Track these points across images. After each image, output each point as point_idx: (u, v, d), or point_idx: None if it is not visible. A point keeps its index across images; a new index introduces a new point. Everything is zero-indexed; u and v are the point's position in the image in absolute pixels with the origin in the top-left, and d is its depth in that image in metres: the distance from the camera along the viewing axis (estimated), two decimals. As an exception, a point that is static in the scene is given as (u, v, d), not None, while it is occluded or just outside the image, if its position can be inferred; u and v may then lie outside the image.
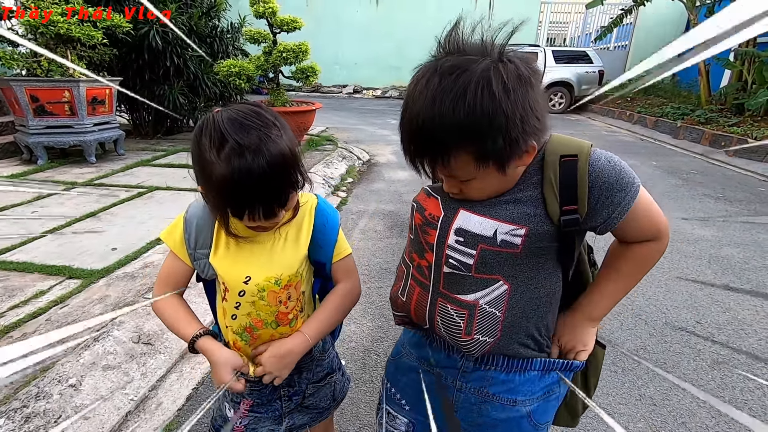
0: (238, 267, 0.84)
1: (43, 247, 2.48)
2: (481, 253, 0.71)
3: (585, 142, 0.71)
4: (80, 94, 4.04)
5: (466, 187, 0.69)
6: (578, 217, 0.69)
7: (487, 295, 0.73)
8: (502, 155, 0.63)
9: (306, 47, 5.06)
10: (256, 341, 0.89)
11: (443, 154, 0.63)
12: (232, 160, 0.69)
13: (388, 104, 11.76)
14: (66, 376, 1.50)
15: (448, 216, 0.74)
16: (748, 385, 1.78)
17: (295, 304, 0.88)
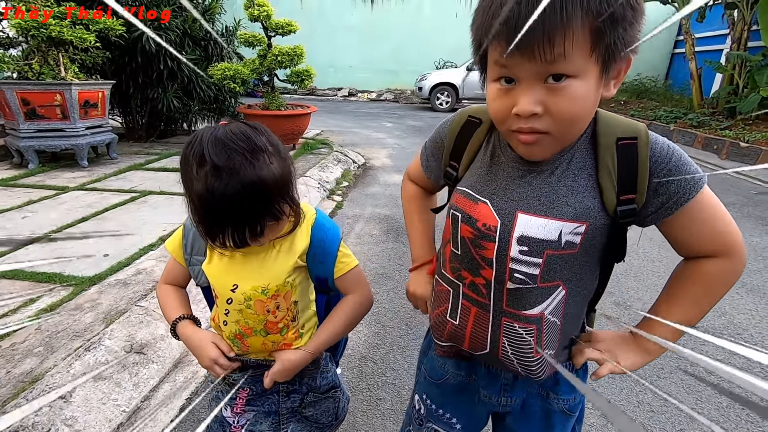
0: (227, 275, 0.85)
1: (33, 253, 2.44)
2: (547, 260, 0.64)
3: (640, 123, 0.64)
4: (72, 97, 3.99)
5: (555, 98, 0.56)
6: (636, 207, 0.62)
7: (551, 303, 0.68)
8: (617, 43, 0.53)
9: (301, 50, 5.05)
10: (247, 349, 0.90)
11: (573, 22, 0.51)
12: (208, 179, 0.68)
13: (383, 107, 11.76)
14: (56, 386, 1.47)
15: (506, 224, 0.66)
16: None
17: (285, 314, 0.88)
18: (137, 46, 4.79)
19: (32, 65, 3.97)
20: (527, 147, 0.62)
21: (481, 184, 0.70)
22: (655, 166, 0.62)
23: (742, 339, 2.12)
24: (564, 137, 0.61)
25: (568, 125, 0.59)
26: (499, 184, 0.68)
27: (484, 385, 0.81)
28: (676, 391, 1.77)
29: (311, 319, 0.96)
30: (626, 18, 0.52)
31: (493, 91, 0.61)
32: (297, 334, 0.91)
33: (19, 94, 3.83)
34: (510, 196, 0.67)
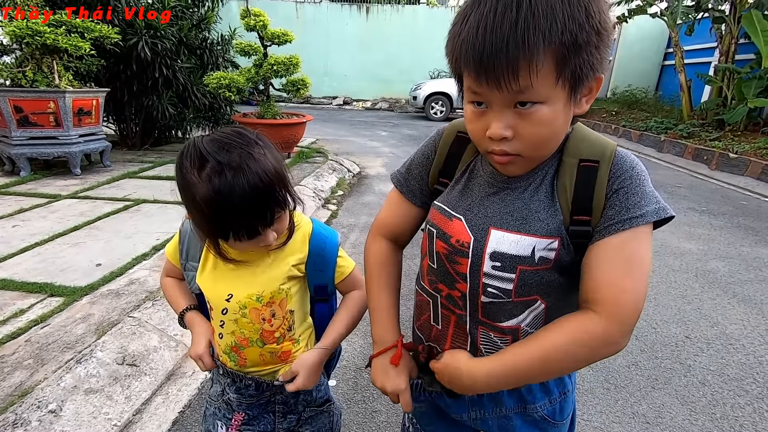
0: (221, 285, 0.85)
1: (24, 263, 2.41)
2: (521, 276, 0.64)
3: (609, 144, 0.64)
4: (66, 105, 3.97)
5: (524, 123, 0.57)
6: (590, 229, 0.62)
7: (528, 316, 0.68)
8: (583, 68, 0.55)
9: (297, 60, 5.08)
10: (245, 362, 0.89)
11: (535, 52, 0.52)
12: (212, 179, 0.69)
13: (378, 116, 11.83)
14: (46, 401, 1.44)
15: (479, 239, 0.66)
16: (739, 401, 1.79)
17: (281, 322, 0.87)
18: (132, 53, 4.79)
19: (26, 72, 3.95)
20: (502, 166, 0.64)
21: (457, 200, 0.71)
22: (609, 183, 0.62)
23: (734, 349, 2.14)
24: (535, 157, 0.63)
25: (538, 148, 0.61)
26: (474, 200, 0.69)
27: (450, 408, 0.80)
28: (670, 402, 1.77)
29: (307, 330, 0.96)
30: (590, 43, 0.54)
31: (469, 113, 0.63)
32: (294, 342, 0.91)
33: (11, 101, 3.80)
34: (484, 212, 0.68)
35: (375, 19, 13.89)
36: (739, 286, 2.80)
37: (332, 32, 13.90)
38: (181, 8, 5.36)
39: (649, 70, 12.77)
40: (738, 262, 3.18)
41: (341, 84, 14.42)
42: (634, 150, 7.79)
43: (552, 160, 0.66)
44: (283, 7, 13.87)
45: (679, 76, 8.59)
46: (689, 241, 3.53)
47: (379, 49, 13.93)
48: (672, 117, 8.88)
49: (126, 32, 4.69)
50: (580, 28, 0.52)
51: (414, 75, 13.36)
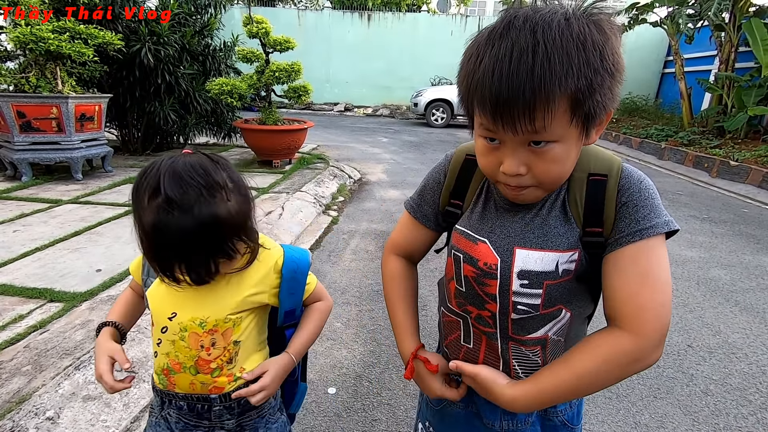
0: (168, 302, 0.80)
1: (24, 268, 2.40)
2: (547, 290, 0.67)
3: (615, 159, 0.67)
4: (69, 110, 3.99)
5: (537, 160, 0.58)
6: (603, 240, 0.65)
7: (555, 326, 0.71)
8: (596, 108, 0.55)
9: (299, 67, 5.10)
10: (173, 387, 0.82)
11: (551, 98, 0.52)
12: (159, 212, 0.66)
13: (379, 122, 11.86)
14: (44, 408, 1.43)
15: (506, 260, 0.68)
16: (742, 411, 1.78)
17: (221, 353, 0.81)
18: (135, 60, 4.83)
19: (29, 78, 3.97)
20: (515, 196, 0.65)
21: (479, 223, 0.73)
22: (618, 196, 0.64)
23: (737, 358, 2.13)
24: (549, 189, 0.65)
25: (552, 182, 0.63)
26: (495, 221, 0.71)
27: (485, 412, 0.81)
28: (672, 412, 1.76)
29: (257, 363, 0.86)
30: (604, 85, 0.54)
31: (480, 146, 0.64)
32: (231, 379, 0.83)
33: (14, 106, 3.82)
34: (506, 232, 0.69)
35: (376, 27, 13.99)
36: (742, 295, 2.78)
37: (334, 39, 13.99)
38: (184, 15, 5.40)
39: (649, 78, 12.83)
40: (740, 270, 3.16)
41: (342, 90, 14.49)
42: (634, 157, 7.80)
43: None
44: (285, 14, 13.99)
45: (680, 84, 8.63)
46: (690, 249, 3.52)
47: (381, 56, 14.01)
48: (672, 124, 8.91)
49: (129, 39, 4.73)
50: (594, 73, 0.53)
51: (415, 82, 13.43)
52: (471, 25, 13.74)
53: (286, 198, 4.05)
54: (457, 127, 11.19)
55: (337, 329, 2.25)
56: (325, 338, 2.16)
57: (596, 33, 0.53)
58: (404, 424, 1.66)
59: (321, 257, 3.11)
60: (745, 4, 7.22)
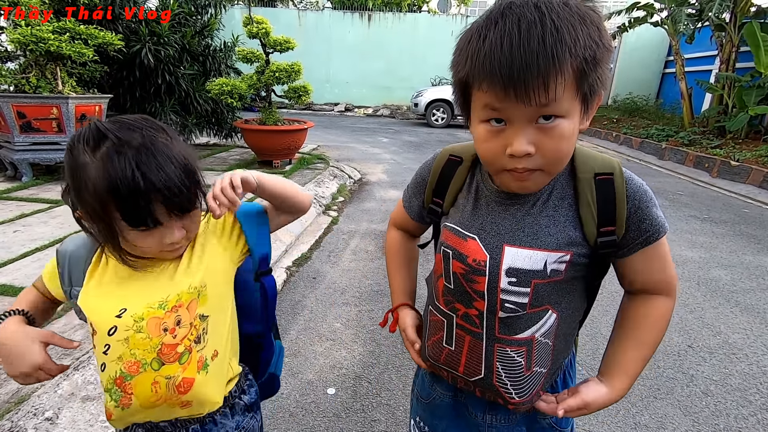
0: (110, 301, 0.70)
1: (24, 268, 2.40)
2: (535, 289, 0.68)
3: (613, 159, 0.69)
4: (69, 110, 3.99)
5: (545, 138, 0.58)
6: (615, 238, 0.67)
7: (541, 327, 0.71)
8: (597, 83, 0.58)
9: (299, 67, 5.10)
10: (129, 401, 0.69)
11: (564, 66, 0.53)
12: (111, 157, 0.60)
13: (379, 123, 11.87)
14: (42, 409, 1.43)
15: (495, 257, 0.69)
16: (742, 412, 1.77)
17: (188, 331, 0.70)
18: (136, 60, 4.83)
19: (29, 78, 3.98)
20: (520, 183, 0.64)
21: (469, 220, 0.73)
22: (631, 200, 0.66)
23: (737, 358, 2.12)
24: (553, 172, 0.65)
25: (558, 162, 0.62)
26: (485, 218, 0.71)
27: (471, 404, 0.83)
28: (672, 412, 1.75)
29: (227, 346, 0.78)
30: (604, 59, 0.57)
31: (483, 133, 0.62)
32: (201, 365, 0.72)
33: (15, 107, 3.82)
34: (496, 229, 0.70)
35: (376, 27, 13.99)
36: (742, 295, 2.78)
37: (334, 39, 13.99)
38: (184, 15, 5.41)
39: (649, 78, 12.81)
40: (740, 270, 3.16)
41: (343, 91, 14.49)
42: (635, 157, 7.80)
43: (558, 177, 0.69)
44: (285, 14, 14.00)
45: (680, 84, 8.61)
46: (691, 249, 3.52)
47: (381, 56, 14.01)
48: (673, 125, 8.89)
49: (129, 39, 4.73)
50: (596, 45, 0.55)
51: (415, 82, 13.43)
52: (471, 26, 13.74)
53: (286, 198, 4.04)
54: (457, 128, 11.19)
55: (336, 329, 2.25)
56: (324, 338, 2.16)
57: (591, 11, 0.56)
58: (403, 424, 1.65)
59: (321, 257, 3.11)
60: (746, 4, 7.21)
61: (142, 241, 0.66)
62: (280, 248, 3.06)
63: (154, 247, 0.68)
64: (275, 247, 3.03)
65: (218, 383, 0.76)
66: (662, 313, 0.73)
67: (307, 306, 2.45)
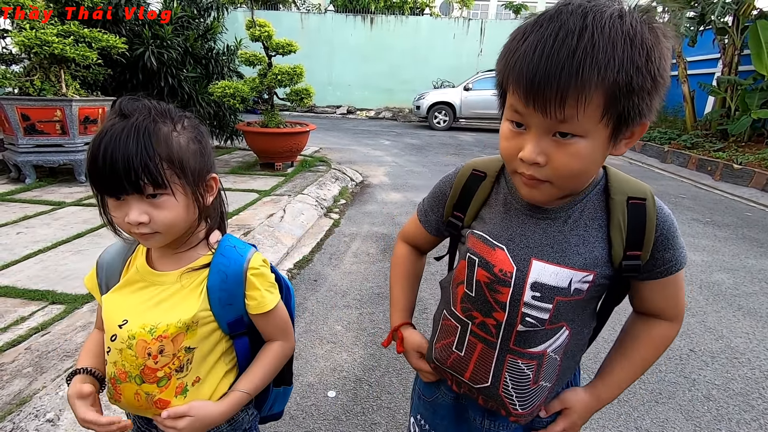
0: (121, 308, 0.75)
1: (26, 270, 2.42)
2: (557, 306, 0.68)
3: (645, 185, 0.69)
4: (72, 113, 4.02)
5: (558, 152, 0.57)
6: (640, 263, 0.67)
7: (554, 342, 0.71)
8: (632, 112, 0.54)
9: (301, 70, 5.12)
10: (119, 398, 0.75)
11: (587, 86, 0.51)
12: (106, 125, 0.67)
13: (381, 125, 11.88)
14: (44, 410, 1.44)
15: (522, 270, 0.68)
16: (744, 417, 1.76)
17: (170, 360, 0.73)
18: (139, 63, 4.86)
19: (34, 81, 4.00)
20: (528, 189, 0.63)
21: (498, 230, 0.72)
22: (661, 228, 0.67)
23: (739, 362, 2.11)
24: (563, 188, 0.63)
25: (567, 179, 0.61)
26: (515, 230, 0.71)
27: (471, 406, 0.83)
28: (674, 417, 1.75)
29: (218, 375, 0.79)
30: (644, 88, 0.53)
31: (505, 130, 0.62)
32: (180, 390, 0.75)
33: (19, 109, 3.85)
34: (526, 242, 0.69)
35: (379, 30, 14.03)
36: (745, 299, 2.77)
37: (336, 42, 14.04)
38: (187, 18, 5.44)
39: (652, 81, 12.78)
40: (743, 274, 3.15)
41: (345, 93, 14.53)
42: (637, 160, 7.78)
43: (591, 197, 0.68)
44: (287, 17, 14.06)
45: (683, 87, 8.60)
46: (693, 252, 3.51)
47: (383, 59, 14.05)
48: (675, 127, 8.88)
49: (133, 42, 4.76)
50: (637, 72, 0.51)
51: (417, 85, 13.45)
52: (473, 28, 13.77)
53: (288, 200, 4.05)
54: (459, 130, 11.20)
55: (337, 332, 2.25)
56: (325, 341, 2.16)
57: (647, 33, 0.52)
58: (404, 427, 1.65)
59: (322, 260, 3.11)
60: (748, 7, 7.20)
61: (114, 211, 0.70)
62: (282, 251, 3.07)
63: (122, 223, 0.70)
64: (276, 250, 3.03)
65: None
66: (664, 336, 0.75)
67: (308, 308, 2.46)
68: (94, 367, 0.80)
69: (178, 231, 0.73)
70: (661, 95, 0.56)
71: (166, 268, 0.77)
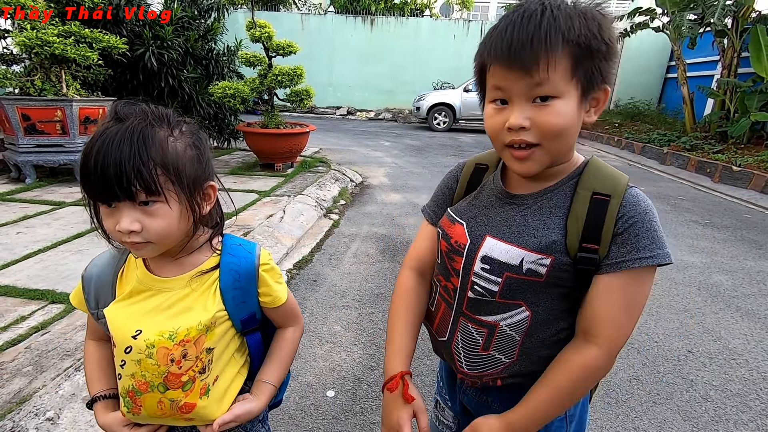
0: (131, 320, 0.72)
1: (26, 270, 2.42)
2: (507, 281, 0.71)
3: (622, 179, 0.70)
4: (73, 113, 4.03)
5: (540, 113, 0.64)
6: (596, 258, 0.67)
7: (509, 318, 0.74)
8: (594, 72, 0.64)
9: (301, 71, 5.13)
10: (139, 410, 0.74)
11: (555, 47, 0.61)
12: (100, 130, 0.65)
13: (381, 126, 11.90)
14: (44, 409, 1.44)
15: (475, 243, 0.75)
16: (742, 417, 1.77)
17: (193, 364, 0.73)
18: (139, 64, 4.87)
19: (34, 81, 4.01)
20: (521, 162, 0.68)
21: (463, 208, 0.81)
22: (619, 218, 0.67)
23: (737, 364, 2.12)
24: (551, 150, 0.67)
25: (554, 137, 0.66)
26: (479, 210, 0.78)
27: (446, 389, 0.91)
28: (672, 418, 1.75)
29: (233, 372, 0.81)
30: (601, 52, 0.63)
31: (490, 111, 0.70)
32: (203, 391, 0.75)
33: (19, 109, 3.86)
34: (484, 221, 0.76)
35: (379, 31, 14.05)
36: (743, 300, 2.77)
37: (337, 43, 14.05)
38: (187, 19, 5.45)
39: (651, 83, 12.83)
40: (742, 275, 3.15)
41: (345, 94, 14.54)
42: (636, 162, 7.79)
43: (562, 188, 0.72)
44: (288, 18, 14.07)
45: (682, 89, 8.62)
46: (692, 254, 3.52)
47: (383, 60, 14.06)
48: (675, 130, 8.90)
49: (133, 42, 4.77)
50: (593, 37, 0.62)
51: (417, 86, 13.46)
52: (474, 30, 13.79)
53: (288, 201, 4.06)
54: (459, 132, 11.22)
55: (336, 332, 2.25)
56: (324, 341, 2.17)
57: (596, 12, 0.64)
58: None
59: (322, 260, 3.12)
60: (748, 10, 7.23)
61: (106, 219, 0.68)
62: (282, 251, 3.07)
63: (113, 231, 0.67)
64: (276, 250, 3.04)
65: (219, 404, 0.79)
66: (582, 365, 0.68)
67: (308, 309, 2.46)
68: (109, 389, 0.80)
69: (171, 241, 0.71)
70: (614, 61, 0.66)
71: (169, 274, 0.75)
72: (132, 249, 0.70)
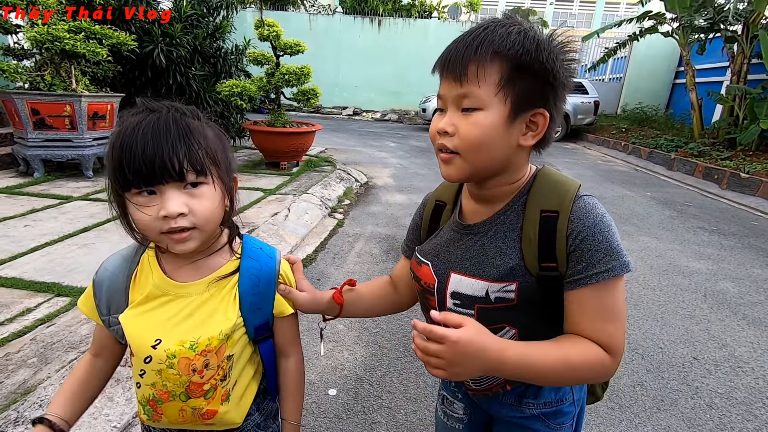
0: (149, 329, 0.71)
1: (33, 262, 2.44)
2: (480, 311, 0.73)
3: (569, 190, 0.68)
4: (82, 108, 4.06)
5: (463, 122, 0.66)
6: (558, 273, 0.67)
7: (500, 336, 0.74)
8: (525, 90, 0.64)
9: (308, 70, 5.15)
10: (160, 418, 0.74)
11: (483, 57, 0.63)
12: (131, 118, 0.65)
13: (386, 127, 11.90)
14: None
15: (442, 282, 0.76)
16: (747, 426, 1.75)
17: (215, 372, 0.73)
18: (148, 60, 4.90)
19: (44, 76, 4.05)
20: (445, 167, 0.71)
21: (428, 247, 0.82)
22: (569, 235, 0.66)
23: (743, 372, 2.10)
24: (473, 161, 0.68)
25: (472, 148, 0.67)
26: (441, 247, 0.79)
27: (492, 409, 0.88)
28: (676, 425, 1.74)
29: (248, 377, 0.81)
30: (537, 73, 0.63)
31: (435, 117, 0.74)
32: (224, 397, 0.76)
33: (29, 103, 3.89)
34: (447, 257, 0.77)
35: (387, 32, 14.07)
36: (749, 308, 2.75)
37: (344, 44, 14.08)
38: (196, 17, 5.48)
39: (659, 89, 12.75)
40: (748, 283, 3.12)
41: (351, 95, 14.56)
42: (643, 167, 7.75)
43: (512, 208, 0.72)
44: (296, 18, 14.11)
45: (690, 94, 8.56)
46: (698, 260, 3.49)
47: (390, 61, 14.07)
48: (683, 135, 8.83)
49: (142, 39, 4.81)
50: (526, 53, 0.62)
51: (424, 88, 13.45)
52: (481, 32, 13.77)
53: (293, 200, 4.07)
54: (464, 134, 11.18)
55: (339, 331, 2.25)
56: (327, 340, 2.17)
57: (542, 36, 0.65)
58: (404, 427, 1.65)
59: (326, 259, 3.12)
60: (758, 16, 7.17)
61: (141, 209, 0.64)
62: (286, 249, 3.08)
63: (149, 223, 0.64)
64: (280, 248, 3.04)
65: (238, 408, 0.79)
66: (599, 354, 0.65)
67: (311, 307, 2.46)
68: (62, 418, 0.73)
69: (211, 229, 0.70)
70: (557, 91, 0.66)
71: (186, 278, 0.73)
72: (175, 241, 0.66)
